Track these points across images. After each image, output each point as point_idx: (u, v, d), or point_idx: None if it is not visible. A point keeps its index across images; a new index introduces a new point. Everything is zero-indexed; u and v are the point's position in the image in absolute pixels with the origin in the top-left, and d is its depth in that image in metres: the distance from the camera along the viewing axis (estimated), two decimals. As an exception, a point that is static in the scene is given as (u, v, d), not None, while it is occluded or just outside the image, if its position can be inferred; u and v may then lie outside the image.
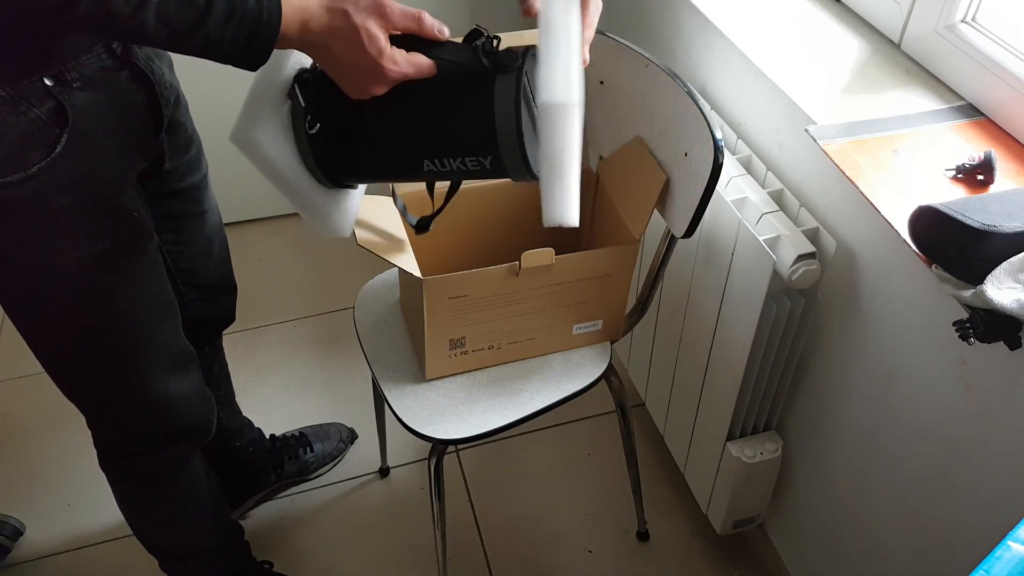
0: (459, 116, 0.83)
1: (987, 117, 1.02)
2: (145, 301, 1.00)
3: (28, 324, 0.96)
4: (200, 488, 1.25)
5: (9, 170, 0.81)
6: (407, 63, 0.78)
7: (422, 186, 1.21)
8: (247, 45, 0.73)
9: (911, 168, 0.97)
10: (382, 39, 0.76)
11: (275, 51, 0.75)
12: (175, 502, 1.23)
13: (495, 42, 0.82)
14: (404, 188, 1.19)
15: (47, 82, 0.81)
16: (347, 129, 0.87)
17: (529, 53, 0.82)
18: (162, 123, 0.97)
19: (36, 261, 0.89)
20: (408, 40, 0.80)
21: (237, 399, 1.51)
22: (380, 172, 0.93)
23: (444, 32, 0.81)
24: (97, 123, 0.87)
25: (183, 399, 1.09)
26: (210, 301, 1.25)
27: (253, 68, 0.77)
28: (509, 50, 0.80)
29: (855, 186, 0.94)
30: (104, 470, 1.16)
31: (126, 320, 0.98)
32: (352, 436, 1.73)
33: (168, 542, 1.29)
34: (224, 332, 1.36)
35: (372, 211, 1.12)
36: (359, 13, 0.75)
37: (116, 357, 1.00)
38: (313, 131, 0.86)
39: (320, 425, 1.70)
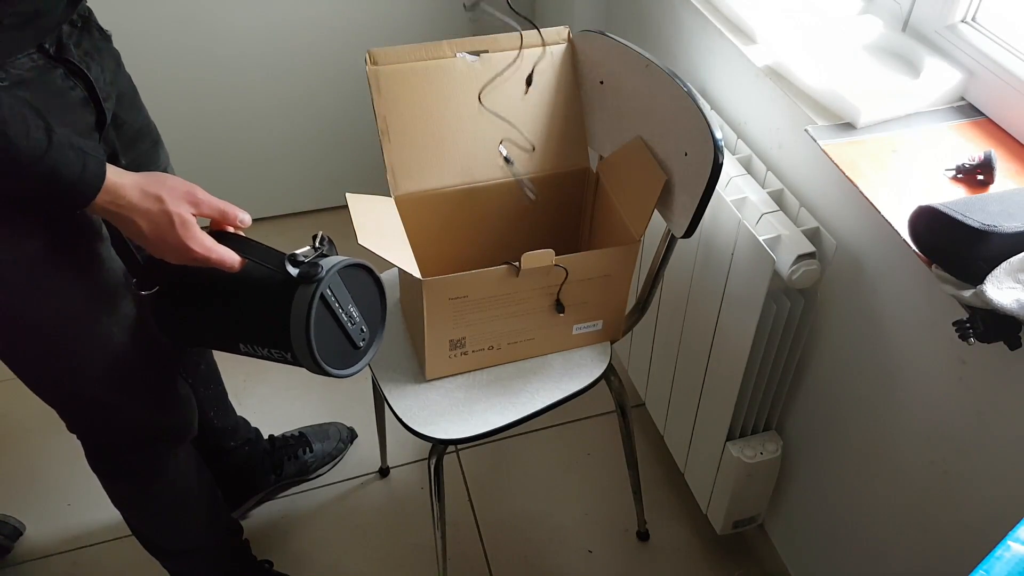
0: (263, 314, 0.93)
1: (987, 117, 1.02)
2: (92, 298, 0.97)
3: None
4: (190, 486, 1.25)
5: None
6: (213, 250, 0.88)
7: (419, 185, 1.21)
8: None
9: (911, 168, 0.97)
10: (192, 223, 0.86)
11: None
12: (161, 499, 1.23)
13: (322, 248, 0.93)
14: (401, 189, 1.19)
15: None
16: (177, 299, 0.99)
17: (345, 263, 0.92)
18: (104, 118, 0.95)
19: None
20: (225, 238, 0.92)
21: (237, 399, 1.51)
22: (208, 342, 1.07)
23: (246, 221, 0.94)
24: None
25: (147, 402, 1.09)
26: None
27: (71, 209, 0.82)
28: (316, 263, 0.90)
29: (855, 186, 0.94)
30: (92, 468, 1.17)
31: (72, 318, 0.96)
32: (352, 436, 1.73)
33: (160, 538, 1.30)
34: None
35: (372, 211, 1.12)
36: (174, 200, 0.85)
37: (65, 358, 0.99)
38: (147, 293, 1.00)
39: (320, 425, 1.71)
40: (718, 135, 1.00)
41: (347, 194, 1.08)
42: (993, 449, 0.93)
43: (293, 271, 0.89)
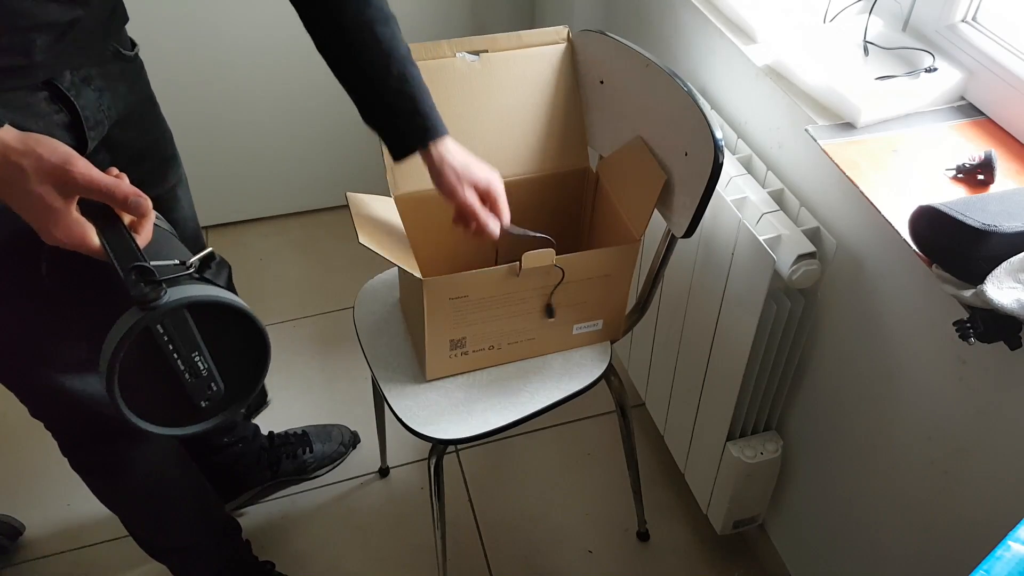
0: (91, 320, 0.78)
1: (987, 117, 1.02)
2: (48, 305, 0.94)
3: None
4: (167, 483, 1.25)
5: None
6: (81, 243, 0.73)
7: (419, 185, 1.21)
8: None
9: (911, 168, 0.97)
10: (58, 208, 0.71)
11: None
12: (135, 493, 1.22)
13: (196, 269, 0.77)
14: (401, 189, 1.19)
15: None
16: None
17: (206, 299, 0.75)
18: (85, 143, 0.92)
19: None
20: (103, 217, 0.74)
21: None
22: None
23: (140, 206, 0.75)
24: None
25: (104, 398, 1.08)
26: None
27: None
28: (160, 285, 0.73)
29: (855, 186, 0.94)
30: (67, 460, 1.17)
31: (23, 323, 0.95)
32: (354, 440, 1.72)
33: (146, 534, 1.30)
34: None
35: (372, 211, 1.12)
36: (36, 176, 0.69)
37: (20, 358, 0.99)
38: None
39: (324, 426, 1.70)
40: (718, 135, 1.00)
41: (347, 193, 1.08)
42: (993, 449, 0.93)
43: (132, 288, 0.72)
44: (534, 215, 1.30)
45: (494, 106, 1.20)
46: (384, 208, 1.16)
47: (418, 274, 1.04)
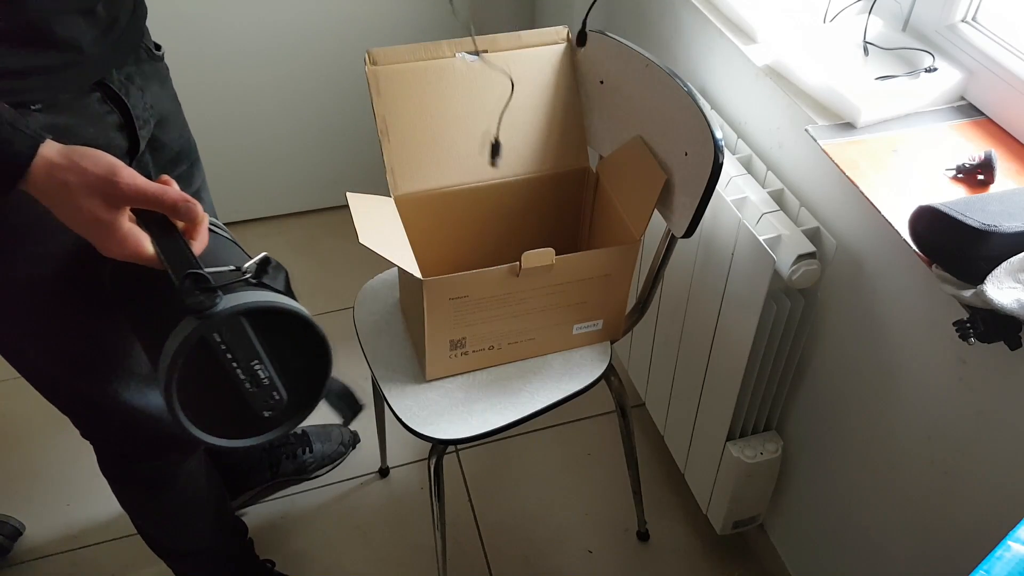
0: (149, 331, 0.77)
1: (987, 117, 1.02)
2: (111, 318, 0.95)
3: None
4: (200, 491, 1.25)
5: None
6: (135, 254, 0.72)
7: (419, 185, 1.21)
8: None
9: (911, 168, 0.97)
10: (108, 221, 0.70)
11: None
12: (173, 504, 1.23)
13: (253, 274, 0.75)
14: (401, 189, 1.19)
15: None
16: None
17: (264, 305, 0.73)
18: (138, 144, 0.93)
19: None
20: (157, 223, 0.73)
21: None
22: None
23: (190, 212, 0.73)
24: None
25: (165, 412, 1.08)
26: None
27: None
28: (215, 292, 0.71)
29: (855, 186, 0.94)
30: (103, 473, 1.17)
31: (87, 337, 0.95)
32: (354, 440, 1.72)
33: (169, 541, 1.30)
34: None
35: (373, 211, 1.12)
36: (82, 190, 0.68)
37: (83, 373, 0.98)
38: None
39: (324, 426, 1.71)
40: (718, 135, 1.00)
41: (348, 193, 1.08)
42: (993, 449, 0.93)
43: (186, 296, 0.70)
44: (534, 215, 1.30)
45: (494, 106, 1.20)
46: (384, 208, 1.16)
47: (418, 274, 1.04)
